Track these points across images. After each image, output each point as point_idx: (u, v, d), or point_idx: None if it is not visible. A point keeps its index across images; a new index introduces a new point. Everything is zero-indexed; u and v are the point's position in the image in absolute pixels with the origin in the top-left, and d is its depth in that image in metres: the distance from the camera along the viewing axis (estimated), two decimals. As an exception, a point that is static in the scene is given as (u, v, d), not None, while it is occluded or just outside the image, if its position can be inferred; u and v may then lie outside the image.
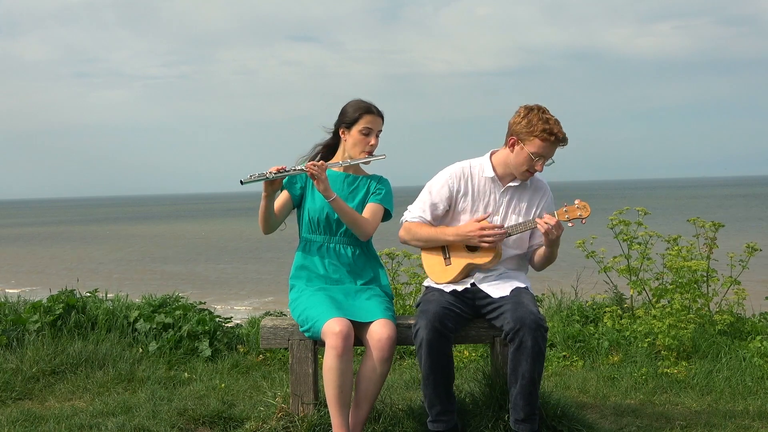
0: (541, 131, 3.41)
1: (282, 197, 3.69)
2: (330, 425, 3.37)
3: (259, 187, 3.52)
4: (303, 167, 3.47)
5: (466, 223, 3.56)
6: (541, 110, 3.47)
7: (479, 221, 3.52)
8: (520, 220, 3.60)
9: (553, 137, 3.42)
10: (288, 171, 3.48)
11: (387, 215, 3.74)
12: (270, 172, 3.44)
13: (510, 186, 3.62)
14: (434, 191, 3.64)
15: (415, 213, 3.67)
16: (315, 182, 3.47)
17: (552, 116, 3.45)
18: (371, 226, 3.62)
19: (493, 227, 3.48)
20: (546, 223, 3.37)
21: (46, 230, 52.13)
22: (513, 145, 3.52)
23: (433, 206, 3.63)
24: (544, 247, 3.53)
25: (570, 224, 3.45)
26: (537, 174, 3.59)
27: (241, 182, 3.43)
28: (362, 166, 3.75)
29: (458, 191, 3.62)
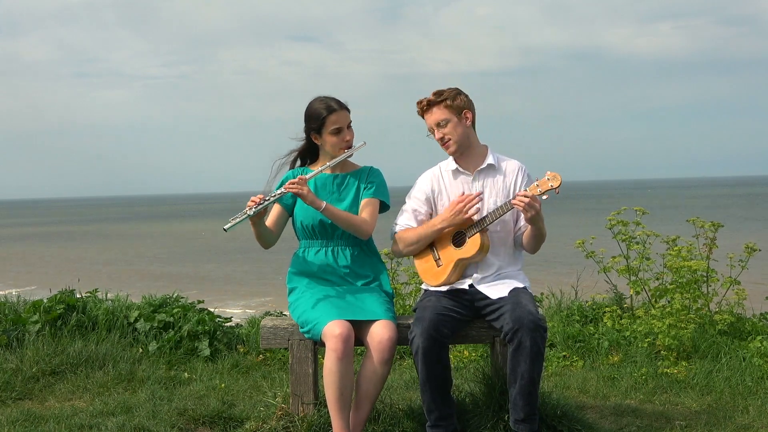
0: (418, 111, 3.66)
1: (275, 211, 3.67)
2: (330, 425, 3.37)
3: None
4: (283, 190, 3.46)
5: (446, 209, 3.59)
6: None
7: (458, 200, 3.56)
8: (498, 201, 3.60)
9: (419, 108, 3.65)
10: (268, 200, 3.45)
11: (384, 206, 3.73)
12: (249, 208, 3.40)
13: (479, 171, 3.65)
14: (413, 199, 3.73)
15: (401, 223, 3.72)
16: (301, 198, 3.46)
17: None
18: (369, 225, 3.60)
19: (467, 196, 3.53)
20: (521, 201, 3.37)
21: (45, 230, 52.11)
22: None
23: (415, 212, 3.70)
24: (529, 226, 3.53)
25: (544, 197, 3.43)
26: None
27: (225, 230, 3.40)
28: (349, 159, 3.71)
29: (434, 191, 3.70)
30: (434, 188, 3.69)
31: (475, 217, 3.56)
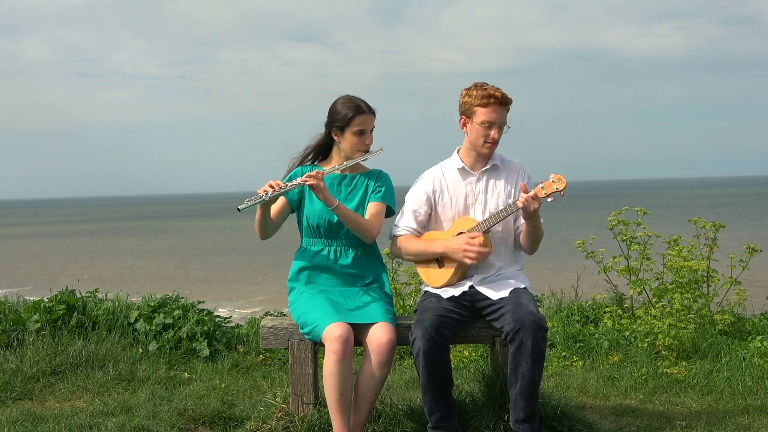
0: (481, 98, 3.51)
1: (279, 203, 3.63)
2: (330, 425, 3.37)
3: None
4: (300, 181, 3.43)
5: (456, 237, 3.53)
6: (478, 85, 3.58)
7: (471, 237, 3.47)
8: (500, 203, 3.60)
9: (493, 98, 3.50)
10: (285, 188, 3.43)
11: (389, 211, 3.72)
12: (265, 192, 3.38)
13: (483, 172, 3.65)
14: (413, 200, 3.69)
15: (402, 225, 3.69)
16: (315, 193, 3.43)
17: (489, 85, 3.56)
18: (376, 228, 3.59)
19: (479, 245, 3.43)
20: (525, 200, 3.36)
21: (45, 230, 52.11)
22: (465, 125, 3.61)
23: (416, 213, 3.67)
24: (526, 223, 3.51)
25: (549, 199, 3.43)
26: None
27: (239, 210, 3.39)
28: (359, 162, 3.70)
29: (434, 192, 3.67)
30: (435, 188, 3.67)
31: (479, 219, 3.57)
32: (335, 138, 3.64)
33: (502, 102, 3.52)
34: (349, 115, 3.57)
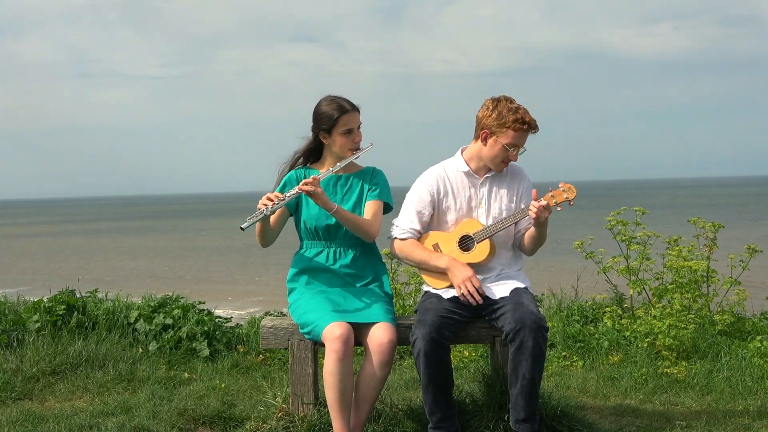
0: (513, 122, 3.47)
1: (277, 211, 3.63)
2: (330, 425, 3.37)
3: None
4: (297, 189, 3.43)
5: (463, 264, 3.50)
6: (509, 100, 3.53)
7: (477, 280, 3.44)
8: (503, 207, 3.61)
9: (526, 126, 3.48)
10: (284, 200, 3.42)
11: (387, 207, 3.71)
12: (266, 206, 3.38)
13: (487, 177, 3.65)
14: (416, 200, 3.66)
15: (404, 226, 3.66)
16: (314, 199, 3.43)
17: (520, 105, 3.52)
18: (375, 227, 3.59)
19: (475, 289, 3.41)
20: (534, 208, 3.38)
21: (45, 229, 52.12)
22: (485, 138, 3.56)
23: (420, 214, 3.65)
24: (533, 228, 3.53)
25: (558, 208, 3.44)
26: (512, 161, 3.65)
27: (242, 228, 3.39)
28: (352, 160, 3.68)
29: (438, 193, 3.65)
30: (440, 189, 3.65)
31: (486, 223, 3.57)
32: (323, 141, 3.64)
33: (532, 129, 3.51)
34: (334, 116, 3.55)
